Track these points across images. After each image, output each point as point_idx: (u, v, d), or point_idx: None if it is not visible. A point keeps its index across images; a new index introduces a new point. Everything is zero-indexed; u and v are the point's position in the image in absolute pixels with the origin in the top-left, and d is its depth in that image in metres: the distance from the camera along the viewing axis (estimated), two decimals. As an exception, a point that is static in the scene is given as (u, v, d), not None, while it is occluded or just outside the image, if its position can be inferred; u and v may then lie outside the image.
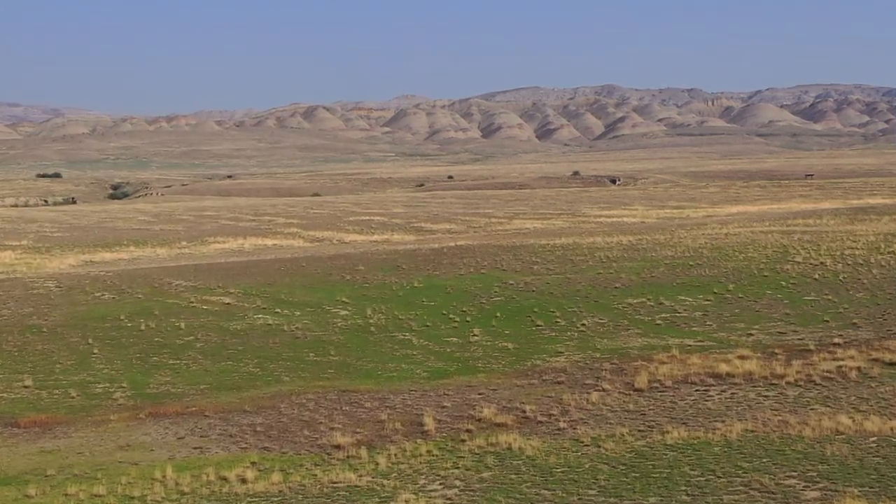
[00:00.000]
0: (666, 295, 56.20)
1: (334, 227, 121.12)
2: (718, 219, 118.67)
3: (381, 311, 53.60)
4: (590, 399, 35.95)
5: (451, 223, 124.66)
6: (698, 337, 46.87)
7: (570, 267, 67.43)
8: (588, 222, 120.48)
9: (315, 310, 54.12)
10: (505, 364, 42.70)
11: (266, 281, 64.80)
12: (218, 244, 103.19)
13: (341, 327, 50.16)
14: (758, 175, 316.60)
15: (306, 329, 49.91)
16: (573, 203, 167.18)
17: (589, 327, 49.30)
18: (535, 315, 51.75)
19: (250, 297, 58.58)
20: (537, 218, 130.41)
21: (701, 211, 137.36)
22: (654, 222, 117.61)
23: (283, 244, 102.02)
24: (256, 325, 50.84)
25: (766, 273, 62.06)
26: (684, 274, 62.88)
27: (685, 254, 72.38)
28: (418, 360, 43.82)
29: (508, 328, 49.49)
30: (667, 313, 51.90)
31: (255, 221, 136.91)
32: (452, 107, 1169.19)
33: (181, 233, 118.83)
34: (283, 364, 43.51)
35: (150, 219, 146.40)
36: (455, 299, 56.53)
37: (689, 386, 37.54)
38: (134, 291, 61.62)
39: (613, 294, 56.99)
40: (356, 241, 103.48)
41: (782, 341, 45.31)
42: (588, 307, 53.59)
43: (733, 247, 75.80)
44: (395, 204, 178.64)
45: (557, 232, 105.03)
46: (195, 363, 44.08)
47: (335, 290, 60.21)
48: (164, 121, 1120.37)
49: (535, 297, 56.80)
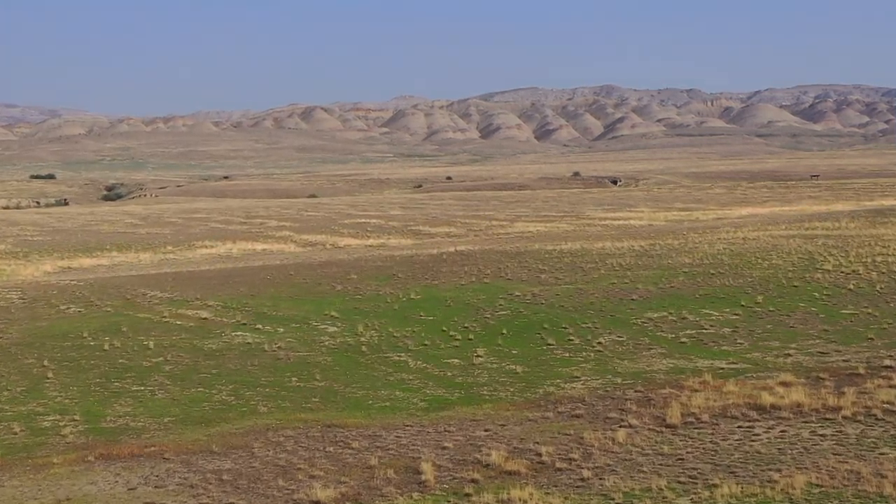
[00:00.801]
0: (689, 308, 50.91)
1: (328, 231, 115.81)
2: (730, 221, 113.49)
3: (374, 327, 48.25)
4: (616, 438, 30.62)
5: (451, 226, 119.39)
6: (730, 358, 41.60)
7: (580, 276, 62.09)
8: (593, 225, 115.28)
9: (300, 326, 48.73)
10: (514, 391, 37.41)
11: (249, 292, 59.42)
12: (205, 249, 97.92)
13: (329, 346, 44.81)
14: (760, 176, 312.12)
15: (290, 349, 44.55)
16: (576, 205, 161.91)
17: (606, 346, 43.99)
18: (546, 332, 46.43)
19: (230, 310, 53.17)
20: (540, 220, 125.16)
21: (710, 213, 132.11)
22: (662, 225, 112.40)
23: (274, 249, 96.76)
24: (234, 345, 45.46)
25: (796, 283, 56.78)
26: (706, 284, 57.57)
27: (704, 261, 67.10)
28: (415, 386, 38.52)
29: (516, 347, 44.17)
30: (692, 329, 46.60)
31: (246, 224, 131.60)
32: (451, 107, 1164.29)
33: (168, 236, 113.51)
34: (260, 391, 38.21)
35: (138, 222, 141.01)
36: (456, 313, 51.20)
37: (730, 421, 32.26)
38: (103, 304, 56.24)
39: (631, 307, 51.68)
40: (350, 245, 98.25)
41: (825, 363, 40.07)
42: (604, 322, 48.28)
43: (754, 253, 70.55)
44: (393, 206, 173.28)
45: (562, 236, 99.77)
46: (161, 390, 38.75)
47: (324, 303, 54.87)
48: (160, 121, 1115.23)
49: (544, 310, 51.47)
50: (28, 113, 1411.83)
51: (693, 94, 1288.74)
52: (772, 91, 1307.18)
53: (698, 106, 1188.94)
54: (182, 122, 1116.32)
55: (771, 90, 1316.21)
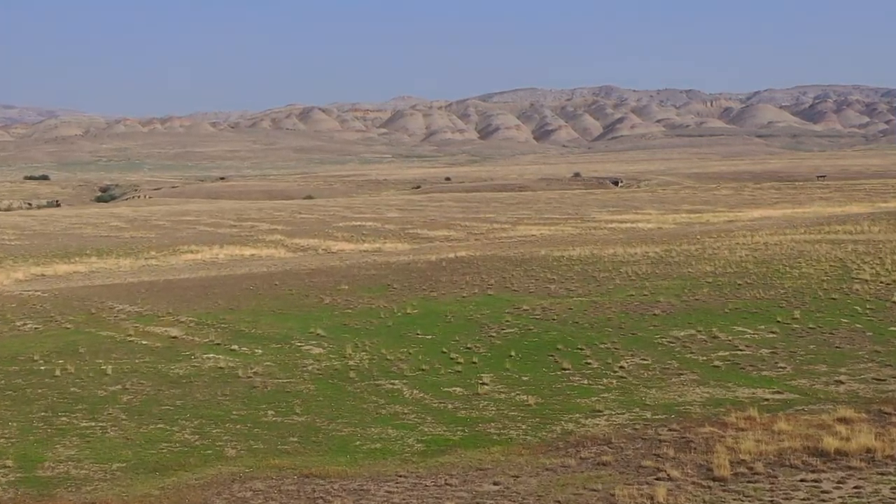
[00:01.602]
0: (719, 325, 45.36)
1: (321, 234, 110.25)
2: (743, 224, 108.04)
3: (365, 347, 42.65)
4: (655, 496, 25.05)
5: (450, 229, 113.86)
6: (773, 386, 36.07)
7: (593, 287, 56.52)
8: (600, 228, 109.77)
9: (281, 346, 43.11)
10: (526, 429, 31.86)
11: (227, 305, 53.82)
12: (190, 254, 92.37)
13: (312, 372, 39.21)
14: (763, 176, 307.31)
15: (267, 374, 38.96)
16: (579, 206, 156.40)
17: (630, 371, 38.44)
18: (560, 354, 40.86)
19: (203, 327, 47.53)
20: (543, 223, 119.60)
21: (720, 215, 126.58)
22: (672, 228, 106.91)
23: (262, 254, 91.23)
24: (204, 369, 39.85)
25: (834, 295, 51.26)
26: (734, 296, 52.03)
27: (728, 269, 61.57)
28: (410, 421, 32.96)
29: (527, 373, 38.61)
30: (725, 351, 41.04)
31: (236, 227, 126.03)
32: (449, 108, 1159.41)
33: (152, 241, 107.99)
34: (230, 428, 32.64)
35: (124, 224, 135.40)
36: (457, 331, 45.62)
37: (790, 472, 26.71)
38: (64, 320, 50.64)
39: (653, 324, 46.12)
40: (344, 250, 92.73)
41: (886, 393, 34.59)
42: (625, 342, 42.71)
43: (781, 260, 65.03)
44: (390, 208, 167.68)
45: (569, 240, 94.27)
46: (114, 426, 33.17)
47: (310, 319, 49.27)
48: (158, 122, 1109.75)
49: (556, 327, 45.90)
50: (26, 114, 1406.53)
51: (692, 94, 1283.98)
52: (771, 91, 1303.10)
53: (698, 106, 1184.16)
54: (179, 122, 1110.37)
55: (770, 90, 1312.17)
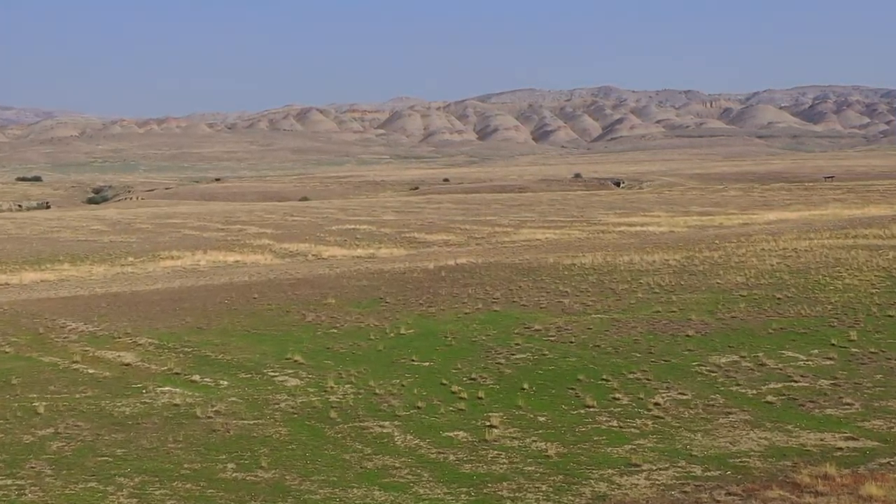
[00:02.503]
0: (764, 349, 38.87)
1: (312, 239, 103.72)
2: (761, 228, 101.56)
3: (350, 378, 36.08)
4: None
5: (449, 233, 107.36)
6: (844, 429, 29.57)
7: (613, 301, 49.97)
8: (608, 232, 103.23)
9: (251, 377, 36.51)
10: (548, 491, 25.36)
11: (196, 323, 47.23)
12: (170, 261, 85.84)
13: (286, 411, 32.64)
14: (767, 177, 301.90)
15: (231, 414, 32.38)
16: (584, 208, 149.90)
17: (667, 409, 31.89)
18: (581, 386, 34.31)
19: (164, 352, 40.92)
20: (548, 226, 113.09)
21: (733, 217, 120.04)
22: (685, 232, 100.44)
23: (247, 260, 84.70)
24: (156, 407, 33.26)
25: (891, 312, 44.79)
26: (776, 313, 45.50)
27: (761, 280, 55.08)
28: (403, 479, 26.44)
29: (544, 411, 32.07)
30: (776, 382, 34.55)
31: (223, 231, 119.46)
32: (448, 108, 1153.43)
33: (133, 245, 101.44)
34: (178, 488, 26.11)
35: (105, 228, 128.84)
36: (459, 356, 39.06)
37: (901, 563, 20.32)
38: (6, 341, 44.03)
39: (687, 348, 39.59)
40: (335, 256, 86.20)
41: (985, 440, 28.14)
42: (657, 371, 36.18)
43: (818, 269, 58.55)
44: (386, 210, 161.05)
45: (577, 245, 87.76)
46: (35, 485, 26.62)
47: (288, 341, 42.69)
48: (154, 123, 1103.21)
49: (575, 352, 39.36)
50: (23, 115, 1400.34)
51: (691, 95, 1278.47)
52: (770, 92, 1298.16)
53: (697, 107, 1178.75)
54: (176, 123, 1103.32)
55: (770, 91, 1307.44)
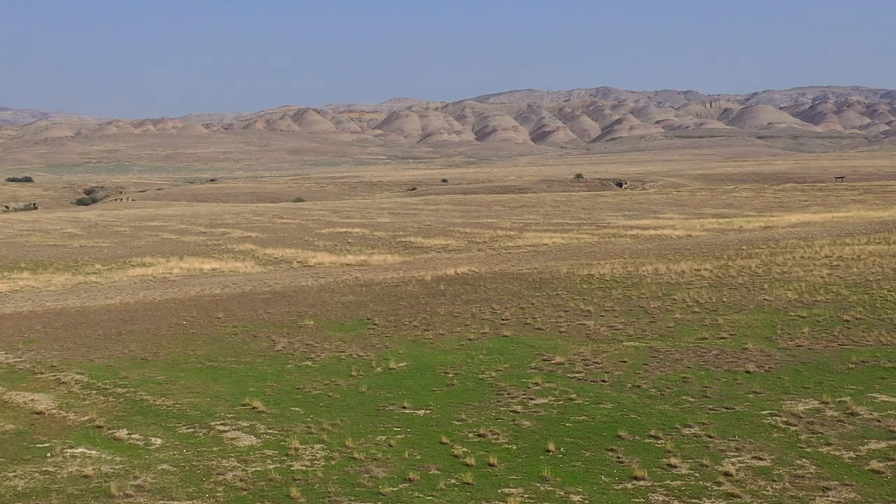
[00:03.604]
0: (849, 390, 30.54)
1: (300, 244, 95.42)
2: (785, 231, 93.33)
3: (322, 434, 27.63)
4: None
5: (448, 237, 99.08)
6: None
7: (647, 323, 41.56)
8: (620, 236, 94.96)
9: (195, 432, 28.03)
10: None
11: (141, 352, 38.79)
12: (140, 268, 77.52)
13: (232, 486, 24.14)
14: (772, 178, 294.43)
15: (157, 490, 23.88)
16: (591, 210, 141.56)
17: (742, 481, 23.50)
18: (624, 446, 25.88)
19: (91, 393, 32.44)
20: (554, 230, 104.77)
21: (752, 220, 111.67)
22: (705, 236, 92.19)
23: (226, 268, 76.42)
24: (60, 479, 24.77)
25: None
26: (850, 340, 37.17)
27: (816, 297, 46.74)
28: None
29: (577, 485, 23.63)
30: (878, 439, 26.15)
31: (205, 234, 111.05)
32: (446, 109, 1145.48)
33: (104, 251, 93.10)
34: None
35: (79, 231, 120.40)
36: (464, 401, 30.67)
37: None
38: None
39: (752, 389, 31.20)
40: (323, 263, 77.92)
41: None
42: (719, 422, 27.78)
43: (878, 282, 50.27)
44: (381, 212, 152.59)
45: (589, 251, 79.47)
46: None
47: (249, 377, 34.28)
48: (150, 124, 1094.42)
49: (610, 395, 30.96)
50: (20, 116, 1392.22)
51: (690, 95, 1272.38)
52: (769, 93, 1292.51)
53: (697, 108, 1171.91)
54: (172, 124, 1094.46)
55: (769, 92, 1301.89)
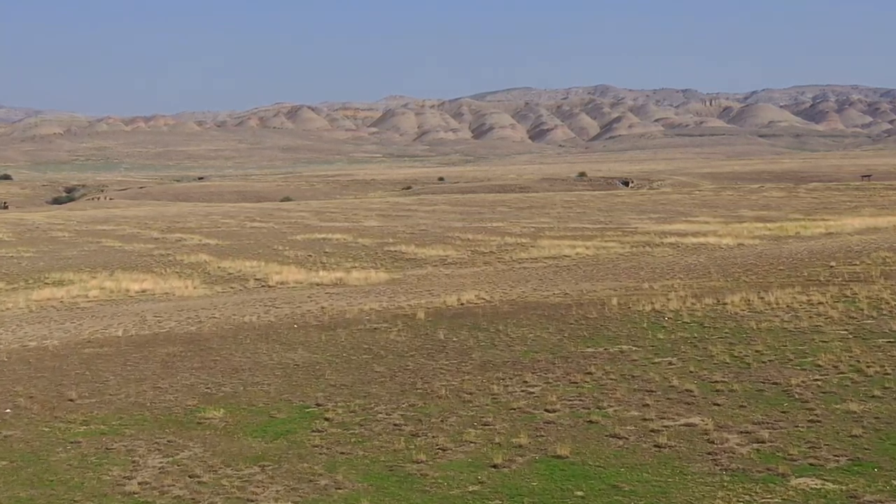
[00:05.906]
0: None
1: (265, 254, 77.78)
2: (861, 239, 75.69)
3: None
4: None
5: (447, 245, 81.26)
6: None
7: (805, 424, 23.51)
8: (657, 244, 77.28)
9: None
10: None
11: None
12: (52, 288, 59.90)
13: None
14: (784, 176, 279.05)
15: None
16: (609, 212, 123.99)
17: None
18: None
19: None
20: (574, 236, 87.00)
21: (807, 226, 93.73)
22: (760, 245, 74.56)
23: (160, 289, 58.77)
24: None
25: None
26: None
27: None
28: None
29: None
30: None
31: (156, 241, 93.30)
32: (442, 107, 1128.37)
33: (22, 262, 75.52)
34: None
35: (9, 238, 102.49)
36: None
37: None
38: None
39: None
40: (287, 283, 60.26)
41: None
42: None
43: None
44: (369, 213, 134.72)
45: (627, 266, 61.83)
46: None
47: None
48: (142, 121, 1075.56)
49: None
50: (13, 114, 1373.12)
51: (689, 94, 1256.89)
52: (769, 92, 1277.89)
53: (696, 106, 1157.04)
54: (164, 121, 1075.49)
55: (768, 90, 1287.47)
